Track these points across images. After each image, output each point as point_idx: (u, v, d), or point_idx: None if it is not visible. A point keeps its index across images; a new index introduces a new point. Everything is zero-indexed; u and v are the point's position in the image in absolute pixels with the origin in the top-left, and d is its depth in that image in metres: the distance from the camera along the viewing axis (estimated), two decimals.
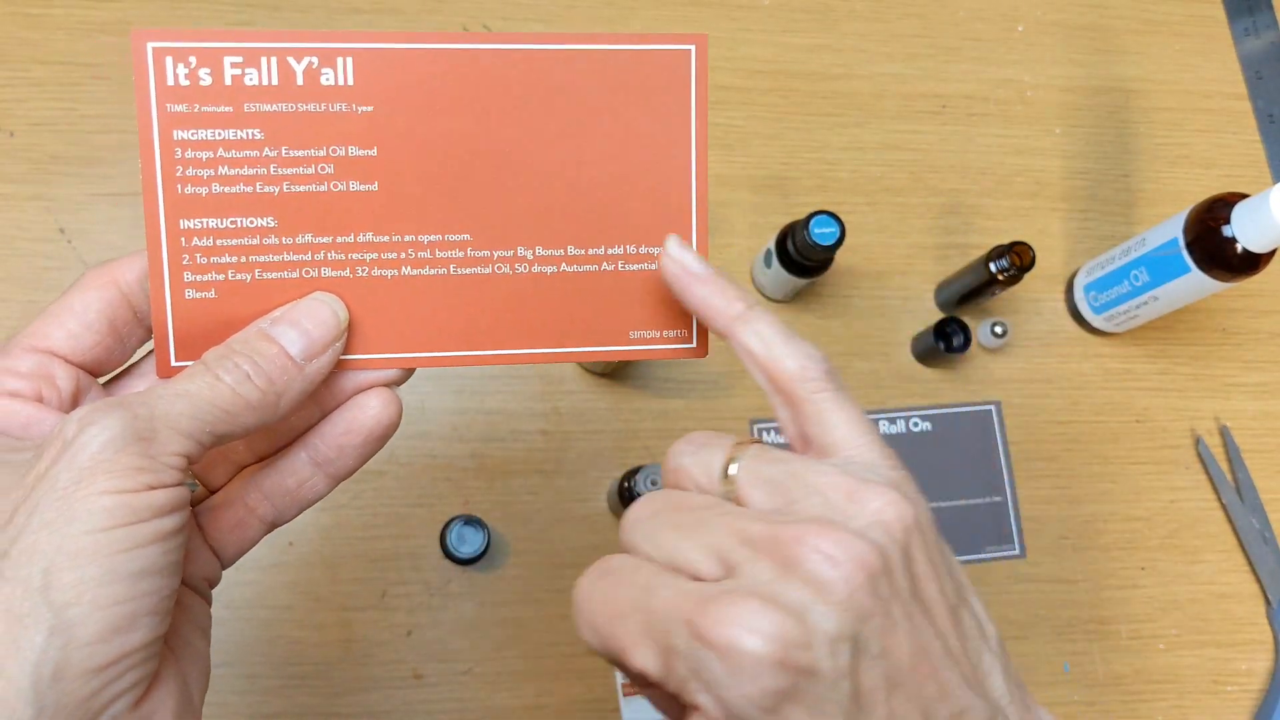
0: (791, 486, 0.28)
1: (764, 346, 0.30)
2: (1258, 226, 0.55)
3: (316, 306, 0.30)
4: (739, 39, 0.70)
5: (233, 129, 0.30)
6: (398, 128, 0.30)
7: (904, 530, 0.27)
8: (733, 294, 0.31)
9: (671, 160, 0.32)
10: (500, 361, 0.32)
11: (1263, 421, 0.68)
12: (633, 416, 0.61)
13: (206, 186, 0.30)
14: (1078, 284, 0.67)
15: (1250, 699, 0.63)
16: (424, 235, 0.31)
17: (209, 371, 0.28)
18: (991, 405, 0.66)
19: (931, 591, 0.27)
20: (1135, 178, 0.72)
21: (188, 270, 0.30)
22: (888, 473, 0.29)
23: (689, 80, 0.32)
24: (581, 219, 0.32)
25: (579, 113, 0.31)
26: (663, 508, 0.28)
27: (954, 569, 0.29)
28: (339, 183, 0.30)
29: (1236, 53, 0.76)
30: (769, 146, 0.68)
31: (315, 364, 0.29)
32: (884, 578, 0.26)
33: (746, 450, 0.29)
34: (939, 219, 0.68)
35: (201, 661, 0.30)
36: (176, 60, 0.29)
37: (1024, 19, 0.74)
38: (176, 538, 0.26)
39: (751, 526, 0.26)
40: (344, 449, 0.31)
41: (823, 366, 0.30)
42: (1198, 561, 0.65)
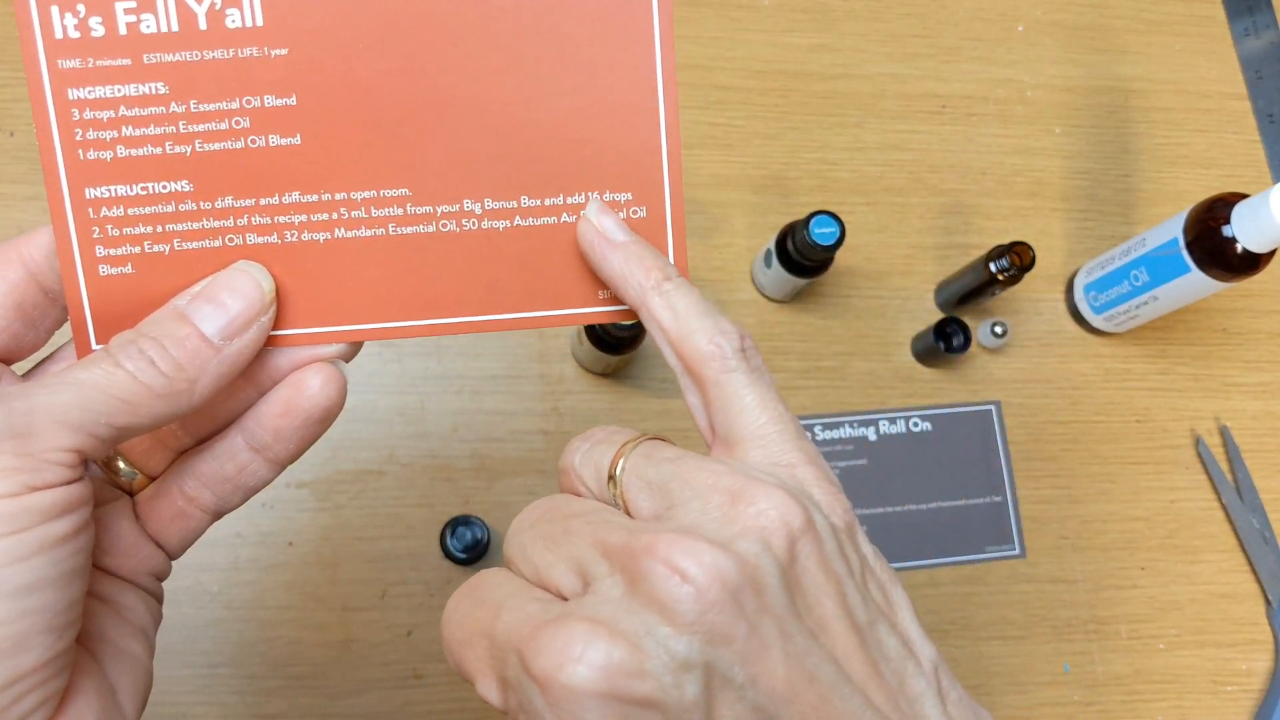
0: (674, 489, 0.25)
1: (675, 321, 0.27)
2: (1258, 226, 0.55)
3: (237, 277, 0.27)
4: (739, 39, 0.70)
5: (133, 84, 0.26)
6: (318, 71, 0.27)
7: (787, 537, 0.23)
8: (652, 262, 0.28)
9: (635, 93, 0.28)
10: (454, 331, 0.29)
11: (1263, 421, 0.68)
12: (633, 416, 0.61)
13: (110, 150, 0.27)
14: (1078, 284, 0.67)
15: (1250, 699, 0.63)
16: (357, 192, 0.28)
17: (109, 357, 0.25)
18: (991, 405, 0.66)
19: (827, 607, 0.24)
20: (1135, 178, 0.72)
21: (99, 244, 0.27)
22: (789, 469, 0.26)
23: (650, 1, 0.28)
24: (535, 165, 0.28)
25: (526, 43, 0.28)
26: (541, 516, 0.26)
27: (875, 580, 0.26)
28: (257, 137, 0.27)
29: (1236, 53, 0.76)
30: (769, 146, 0.68)
31: (236, 343, 0.26)
32: (751, 593, 0.22)
33: (637, 448, 0.26)
34: (939, 219, 0.68)
35: (136, 666, 0.27)
36: (63, 9, 0.26)
37: (1024, 19, 0.74)
38: (71, 543, 0.23)
39: (613, 536, 0.24)
40: (281, 432, 0.28)
41: (736, 343, 0.27)
42: (1198, 561, 0.65)
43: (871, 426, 0.64)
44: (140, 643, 0.28)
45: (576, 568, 0.24)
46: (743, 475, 0.24)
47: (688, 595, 0.22)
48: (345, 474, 0.58)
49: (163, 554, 0.29)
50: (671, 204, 0.29)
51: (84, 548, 0.24)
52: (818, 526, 0.24)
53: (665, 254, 0.29)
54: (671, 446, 0.26)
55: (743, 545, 0.23)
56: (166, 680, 0.54)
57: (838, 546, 0.25)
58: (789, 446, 0.26)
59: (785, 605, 0.23)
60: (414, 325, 0.29)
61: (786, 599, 0.23)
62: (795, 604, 0.23)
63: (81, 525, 0.24)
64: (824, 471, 0.26)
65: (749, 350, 0.27)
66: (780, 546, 0.23)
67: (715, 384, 0.27)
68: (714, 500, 0.24)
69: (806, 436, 0.27)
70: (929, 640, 0.26)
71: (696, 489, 0.24)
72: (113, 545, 0.28)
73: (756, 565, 0.23)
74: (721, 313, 0.27)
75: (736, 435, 0.27)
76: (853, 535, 0.26)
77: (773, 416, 0.26)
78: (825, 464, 0.27)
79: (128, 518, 0.29)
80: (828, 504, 0.26)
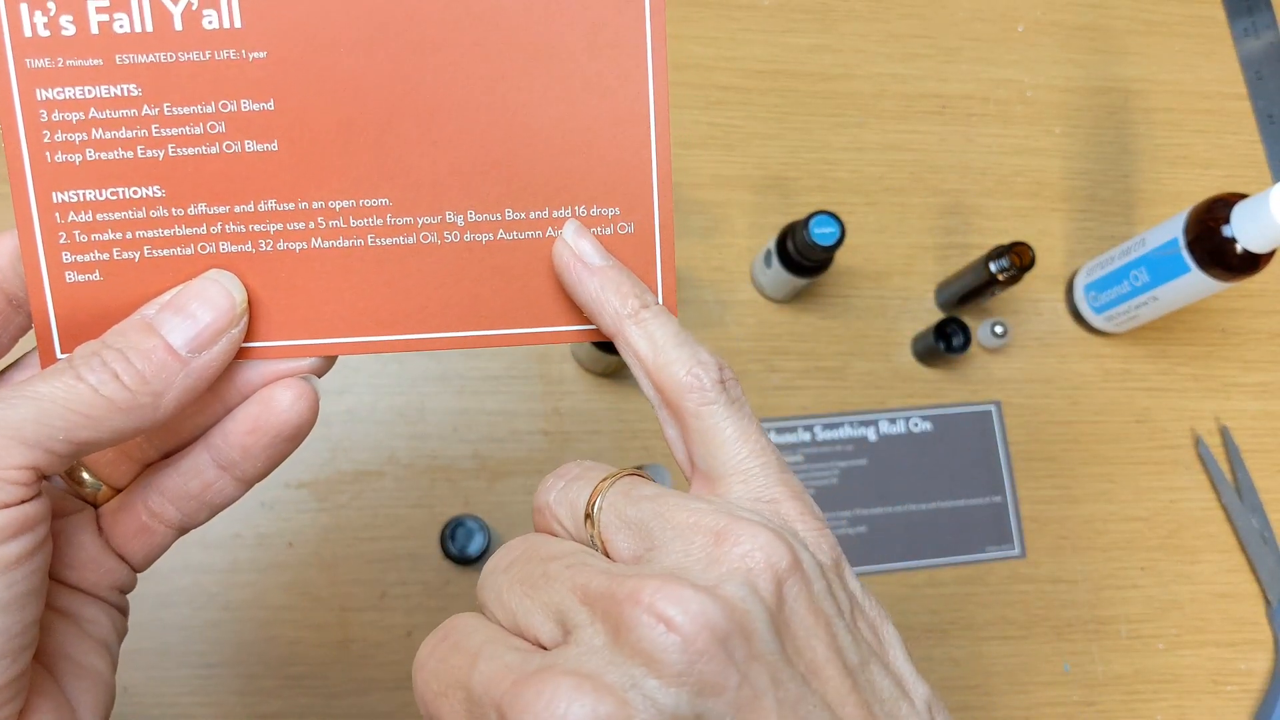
0: (654, 529, 0.24)
1: (653, 351, 0.26)
2: (1258, 226, 0.55)
3: (207, 287, 0.26)
4: (739, 39, 0.70)
5: (105, 85, 0.26)
6: (298, 76, 0.26)
7: (774, 579, 0.23)
8: (629, 289, 0.27)
9: (625, 104, 0.27)
10: (432, 346, 0.28)
11: (1263, 421, 0.68)
12: (633, 416, 0.61)
13: (80, 153, 0.26)
14: (1078, 284, 0.67)
15: (1250, 699, 0.63)
16: (335, 200, 0.27)
17: (70, 369, 0.24)
18: (991, 405, 0.65)
19: (818, 650, 0.23)
20: (1135, 178, 0.72)
21: (66, 250, 0.26)
22: (772, 505, 0.25)
23: (642, 8, 0.27)
24: (521, 177, 0.27)
25: (511, 48, 0.27)
26: (518, 558, 0.25)
27: (865, 618, 0.25)
28: (233, 143, 0.26)
29: (1236, 53, 0.76)
30: (769, 146, 0.68)
31: (204, 356, 0.25)
32: (740, 640, 0.21)
33: (614, 485, 0.25)
34: (939, 219, 0.68)
35: (97, 682, 0.26)
36: (33, 7, 0.25)
37: (1024, 19, 0.74)
38: (26, 564, 0.23)
39: (593, 582, 0.22)
40: (249, 450, 0.27)
41: (715, 374, 0.26)
42: (1198, 561, 0.65)
43: (871, 426, 0.64)
44: (102, 658, 0.27)
45: (556, 615, 0.23)
46: (726, 514, 0.23)
47: (674, 645, 0.21)
48: (345, 474, 0.58)
49: (126, 567, 0.28)
50: (660, 220, 0.28)
51: (40, 568, 0.23)
52: (805, 566, 0.23)
53: (654, 271, 0.29)
54: (650, 483, 0.25)
55: (729, 589, 0.22)
56: (165, 680, 0.54)
57: (826, 586, 0.24)
58: (772, 481, 0.25)
59: (775, 651, 0.22)
60: (391, 340, 0.28)
61: (777, 644, 0.22)
62: (785, 648, 0.22)
63: (37, 545, 0.23)
64: (808, 506, 0.26)
65: (729, 381, 0.26)
66: (768, 589, 0.22)
67: (694, 416, 0.26)
68: (697, 541, 0.23)
69: (790, 469, 0.26)
70: (922, 679, 0.25)
71: (678, 528, 0.23)
72: (74, 558, 0.27)
73: (744, 610, 0.22)
74: (700, 343, 0.27)
75: (718, 470, 0.26)
76: (840, 572, 0.25)
77: (754, 450, 0.26)
78: (809, 498, 0.26)
79: (90, 530, 0.28)
80: (814, 541, 0.25)
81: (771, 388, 0.63)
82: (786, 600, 0.23)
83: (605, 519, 0.25)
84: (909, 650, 0.25)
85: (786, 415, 0.63)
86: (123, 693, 0.53)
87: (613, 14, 0.27)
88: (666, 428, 0.27)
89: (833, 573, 0.25)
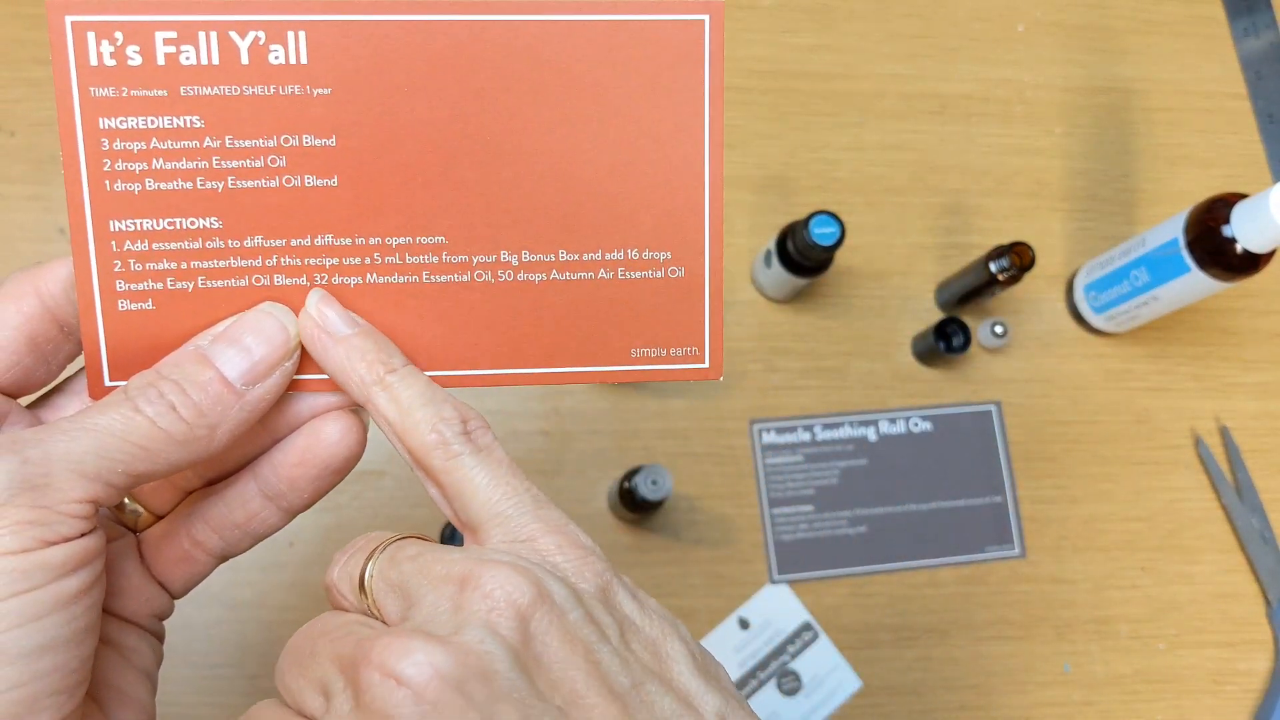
0: (413, 587, 0.24)
1: (400, 414, 0.26)
2: (1258, 226, 0.55)
3: (263, 319, 0.26)
4: (739, 39, 0.70)
5: (168, 116, 0.26)
6: (360, 113, 0.26)
7: (515, 615, 0.22)
8: (374, 356, 0.26)
9: (680, 151, 0.28)
10: (480, 383, 0.29)
11: (1263, 421, 0.68)
12: (633, 416, 0.61)
13: (139, 182, 0.26)
14: (1078, 284, 0.67)
15: (1250, 699, 0.63)
16: (392, 238, 0.27)
17: (128, 401, 0.24)
18: (991, 405, 0.66)
19: (577, 680, 0.22)
20: (1135, 178, 0.72)
21: (120, 278, 0.26)
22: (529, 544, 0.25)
23: (702, 56, 0.27)
24: (575, 219, 0.28)
25: (571, 95, 0.27)
26: (303, 637, 0.24)
27: (641, 638, 0.25)
28: (293, 177, 0.27)
29: (1236, 53, 0.76)
30: (769, 146, 0.68)
31: (258, 389, 0.25)
32: (479, 682, 0.21)
33: (384, 552, 0.25)
34: (939, 219, 0.68)
35: (139, 711, 0.27)
36: (100, 36, 0.25)
37: (1024, 19, 0.74)
38: (84, 599, 0.23)
39: (345, 647, 0.22)
40: (296, 481, 0.27)
41: (458, 427, 0.26)
42: (1198, 561, 0.65)
43: (871, 426, 0.64)
44: (144, 686, 0.27)
45: (320, 687, 0.23)
46: (474, 560, 0.23)
47: (405, 699, 0.21)
48: None
49: (166, 595, 0.28)
50: (710, 266, 0.29)
51: (96, 602, 0.23)
52: (555, 598, 0.23)
53: (701, 315, 0.29)
54: (418, 544, 0.25)
55: (466, 635, 0.22)
56: (168, 680, 0.54)
57: (584, 614, 0.24)
58: (526, 520, 0.25)
59: (523, 687, 0.22)
60: (442, 375, 0.28)
61: (524, 680, 0.22)
62: (536, 683, 0.22)
63: (95, 579, 0.23)
64: (570, 537, 0.25)
65: (475, 431, 0.26)
66: (509, 626, 0.22)
67: (444, 472, 0.26)
68: (445, 591, 0.23)
69: (549, 504, 0.26)
70: (714, 689, 0.24)
71: (432, 582, 0.23)
72: (118, 587, 0.27)
73: (481, 653, 0.22)
74: (447, 398, 0.26)
75: (475, 519, 0.25)
76: (607, 597, 0.25)
77: (506, 493, 0.25)
78: (574, 529, 0.26)
79: (132, 558, 0.28)
80: (575, 569, 0.25)
81: (771, 388, 0.63)
82: (534, 635, 0.23)
83: (375, 585, 0.25)
84: (701, 662, 0.25)
85: (786, 415, 0.63)
86: None
87: (672, 64, 0.27)
88: (428, 488, 0.27)
89: (595, 599, 0.24)
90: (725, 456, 0.62)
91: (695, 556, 0.60)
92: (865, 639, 0.60)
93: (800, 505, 0.62)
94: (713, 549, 0.60)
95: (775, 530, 0.61)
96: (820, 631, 0.60)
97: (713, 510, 0.61)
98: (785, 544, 0.61)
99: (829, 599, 0.61)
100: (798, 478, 0.62)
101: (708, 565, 0.60)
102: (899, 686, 0.60)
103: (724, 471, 0.62)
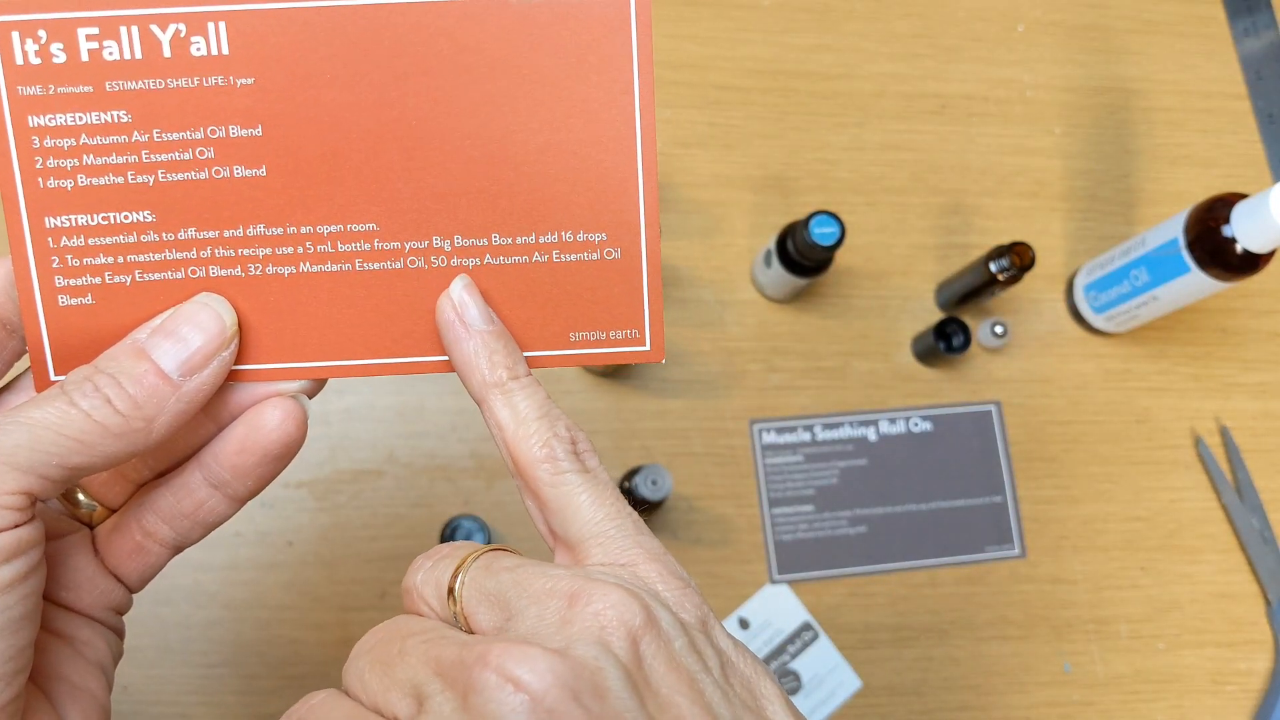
0: (512, 599, 0.24)
1: (514, 422, 0.26)
2: (1258, 226, 0.55)
3: (197, 311, 0.26)
4: (739, 39, 0.70)
5: (95, 112, 0.26)
6: (285, 102, 0.27)
7: (628, 636, 0.23)
8: (501, 358, 0.27)
9: (611, 130, 0.27)
10: (418, 370, 0.29)
11: (1263, 421, 0.68)
12: (633, 416, 0.61)
13: (71, 179, 0.26)
14: (1078, 284, 0.67)
15: (1250, 699, 0.63)
16: (323, 225, 0.27)
17: (63, 395, 0.24)
18: (991, 405, 0.65)
19: (683, 706, 0.22)
20: (1135, 178, 0.72)
21: (59, 274, 0.27)
22: (630, 568, 0.25)
23: (628, 32, 0.27)
24: (506, 202, 0.28)
25: (495, 75, 0.27)
26: (382, 638, 0.25)
27: (738, 675, 0.25)
28: (221, 168, 0.27)
29: (1236, 53, 0.76)
30: (769, 146, 0.68)
31: (195, 380, 0.25)
32: (593, 696, 0.21)
33: (477, 560, 0.25)
34: (939, 219, 0.68)
35: (92, 704, 0.27)
36: (24, 35, 0.25)
37: (1024, 19, 0.74)
38: (20, 588, 0.23)
39: (446, 651, 0.22)
40: (239, 469, 0.27)
41: (568, 446, 0.26)
42: (1198, 561, 0.65)
43: (871, 426, 0.64)
44: (97, 680, 0.27)
45: (411, 690, 0.23)
46: (581, 578, 0.24)
47: (521, 704, 0.21)
48: (344, 474, 0.58)
49: (123, 588, 0.29)
50: (648, 246, 0.28)
51: (34, 591, 0.24)
52: (662, 624, 0.23)
53: (640, 296, 0.29)
54: (513, 556, 0.25)
55: (580, 649, 0.22)
56: (165, 680, 0.54)
57: (688, 643, 0.24)
58: (628, 544, 0.25)
59: (633, 706, 0.22)
60: (379, 364, 0.28)
61: (634, 701, 0.22)
62: (646, 705, 0.22)
63: (30, 569, 0.23)
64: (669, 567, 0.26)
65: (584, 452, 0.26)
66: (621, 646, 0.22)
67: (550, 486, 0.26)
68: (551, 605, 0.23)
69: (648, 533, 0.26)
70: None
71: (534, 596, 0.24)
72: (69, 580, 0.28)
73: (596, 667, 0.22)
74: (561, 415, 0.27)
75: (574, 537, 0.26)
76: (707, 630, 0.25)
77: (609, 514, 0.26)
78: (671, 559, 0.26)
79: (86, 552, 0.28)
80: (676, 600, 0.25)
81: (771, 388, 0.63)
82: (644, 657, 0.23)
83: (467, 594, 0.25)
84: (791, 706, 0.25)
85: (786, 415, 0.63)
86: (121, 690, 0.53)
87: (599, 38, 0.27)
88: (525, 498, 0.27)
89: (697, 630, 0.25)
90: (725, 456, 0.62)
91: (695, 556, 0.60)
92: (865, 639, 0.60)
93: (800, 505, 0.62)
94: (712, 549, 0.60)
95: (775, 530, 0.61)
96: (820, 631, 0.60)
97: (712, 510, 0.61)
98: (785, 544, 0.61)
99: (829, 599, 0.61)
100: (798, 478, 0.62)
101: (707, 565, 0.60)
102: (899, 686, 0.60)
103: (724, 471, 0.62)
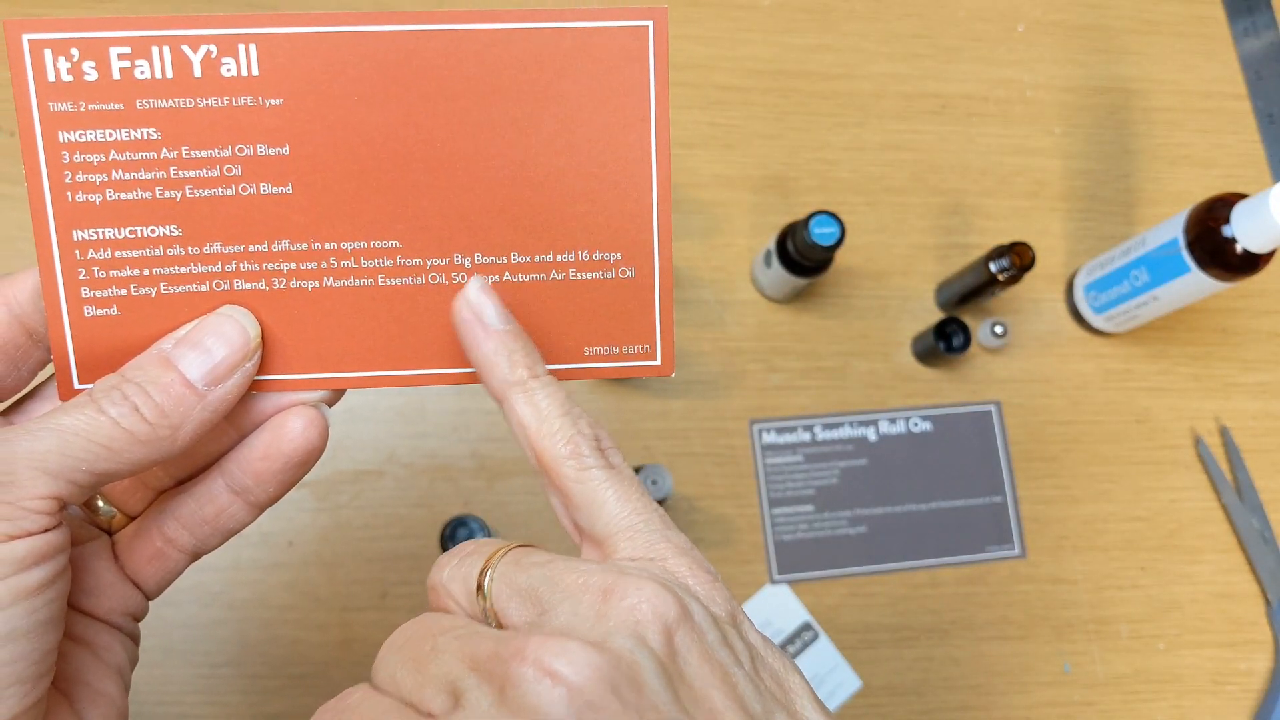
0: (544, 594, 0.24)
1: (537, 420, 0.27)
2: (1258, 226, 0.55)
3: (222, 322, 0.27)
4: (739, 39, 0.70)
5: (125, 129, 0.27)
6: (312, 122, 0.27)
7: (663, 629, 0.23)
8: (521, 357, 0.27)
9: (628, 154, 0.29)
10: (438, 382, 0.29)
11: (1263, 421, 0.68)
12: (633, 416, 0.61)
13: (100, 193, 0.27)
14: (1078, 284, 0.67)
15: (1250, 699, 0.63)
16: (347, 242, 0.28)
17: (92, 403, 0.25)
18: (991, 405, 0.66)
19: (716, 699, 0.23)
20: (1135, 178, 0.72)
21: (85, 286, 0.27)
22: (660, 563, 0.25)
23: (646, 61, 0.28)
24: (526, 222, 0.29)
25: (519, 100, 0.28)
26: (413, 635, 0.25)
27: (768, 669, 0.25)
28: (248, 185, 0.28)
29: (1236, 53, 0.76)
30: (769, 146, 0.68)
31: (219, 390, 0.26)
32: (630, 689, 0.21)
33: (505, 556, 0.25)
34: (939, 219, 0.68)
35: (110, 708, 0.27)
36: (56, 53, 0.26)
37: (1024, 19, 0.74)
38: (47, 592, 0.23)
39: (481, 647, 0.22)
40: (261, 476, 0.28)
41: (592, 443, 0.26)
42: (1198, 561, 0.65)
43: (871, 426, 0.64)
44: (115, 684, 0.27)
45: (446, 685, 0.22)
46: (614, 572, 0.24)
47: (560, 697, 0.21)
48: (345, 474, 0.58)
49: (140, 594, 0.29)
50: (660, 266, 0.29)
51: (60, 595, 0.24)
52: (695, 617, 0.24)
53: (652, 315, 0.30)
54: (541, 551, 0.25)
55: (617, 641, 0.22)
56: (169, 680, 0.54)
57: (720, 636, 0.24)
58: (656, 539, 0.26)
59: (669, 700, 0.22)
60: (398, 375, 0.29)
61: (670, 693, 0.22)
62: (681, 697, 0.22)
63: (58, 573, 0.24)
64: (697, 561, 0.26)
65: (608, 448, 0.27)
66: (656, 639, 0.23)
67: (575, 482, 0.26)
68: (585, 600, 0.23)
69: (675, 528, 0.26)
70: None
71: (567, 590, 0.24)
72: (90, 586, 0.28)
73: (633, 660, 0.22)
74: (583, 414, 0.27)
75: (602, 532, 0.26)
76: (737, 624, 0.25)
77: (636, 509, 0.26)
78: (699, 554, 0.26)
79: (105, 558, 0.29)
80: (706, 594, 0.25)
81: (771, 388, 0.64)
82: (678, 650, 0.23)
83: (496, 589, 0.25)
84: (819, 700, 0.25)
85: (786, 415, 0.63)
86: None
87: (617, 69, 0.28)
88: (550, 495, 0.28)
89: (728, 624, 0.25)
90: (725, 456, 0.62)
91: None
92: (865, 639, 0.60)
93: (800, 505, 0.62)
94: (712, 549, 0.60)
95: (775, 530, 0.61)
96: (820, 631, 0.60)
97: (712, 510, 0.61)
98: (785, 544, 0.61)
99: (829, 599, 0.61)
100: (798, 478, 0.62)
101: None
102: (899, 686, 0.60)
103: (724, 471, 0.62)
